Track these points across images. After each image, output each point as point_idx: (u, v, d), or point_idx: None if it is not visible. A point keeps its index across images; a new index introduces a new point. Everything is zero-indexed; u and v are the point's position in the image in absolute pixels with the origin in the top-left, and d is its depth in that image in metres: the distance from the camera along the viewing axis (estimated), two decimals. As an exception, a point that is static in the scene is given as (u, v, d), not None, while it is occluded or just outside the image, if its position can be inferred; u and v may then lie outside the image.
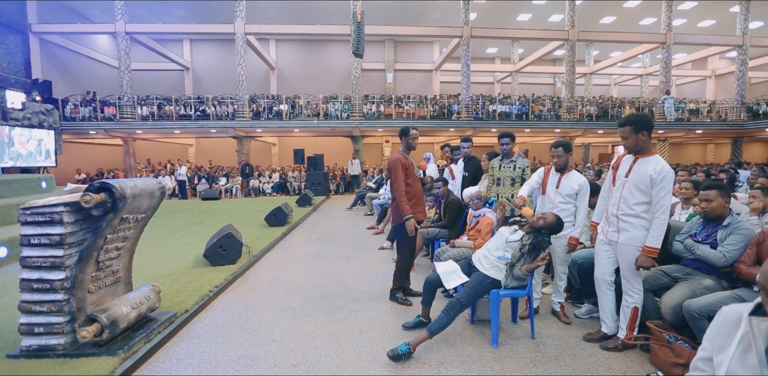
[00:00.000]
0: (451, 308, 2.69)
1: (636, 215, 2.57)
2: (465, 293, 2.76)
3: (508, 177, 4.02)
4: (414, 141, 3.63)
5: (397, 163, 3.47)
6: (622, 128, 2.58)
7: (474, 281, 2.81)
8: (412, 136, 3.61)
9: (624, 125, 2.57)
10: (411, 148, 3.64)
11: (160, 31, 16.62)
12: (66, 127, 14.62)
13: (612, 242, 2.70)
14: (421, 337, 2.66)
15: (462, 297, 2.74)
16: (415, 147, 3.63)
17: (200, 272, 4.34)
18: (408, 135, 3.61)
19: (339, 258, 5.39)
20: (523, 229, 2.92)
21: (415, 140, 3.63)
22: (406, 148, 3.64)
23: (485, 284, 2.79)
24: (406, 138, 3.62)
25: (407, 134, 3.61)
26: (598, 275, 2.82)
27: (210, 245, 4.61)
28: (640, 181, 2.54)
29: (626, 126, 2.56)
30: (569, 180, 3.15)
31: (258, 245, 5.71)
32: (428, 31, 17.40)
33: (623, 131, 2.58)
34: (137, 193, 2.61)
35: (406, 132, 3.62)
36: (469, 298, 2.74)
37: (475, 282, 2.80)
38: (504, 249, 2.84)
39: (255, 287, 4.15)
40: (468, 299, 2.74)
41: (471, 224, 3.93)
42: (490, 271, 2.81)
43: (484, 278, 2.81)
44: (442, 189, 4.81)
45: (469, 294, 2.75)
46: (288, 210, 7.61)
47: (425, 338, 2.65)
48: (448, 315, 2.67)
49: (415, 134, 3.63)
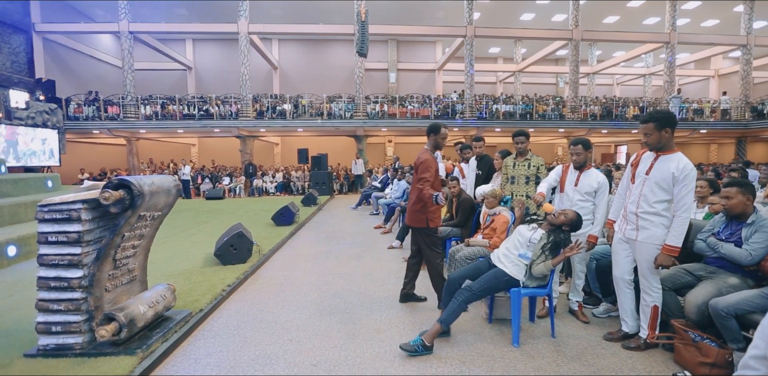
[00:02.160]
0: (460, 294, 2.70)
1: (656, 213, 2.54)
2: (479, 284, 2.74)
3: (522, 175, 3.99)
4: (444, 141, 3.43)
5: (430, 164, 3.25)
6: (645, 125, 2.55)
7: (491, 275, 2.78)
8: (442, 135, 3.37)
9: (647, 122, 2.54)
10: (439, 147, 3.45)
11: (163, 30, 16.61)
12: (69, 127, 14.60)
13: (630, 240, 2.67)
14: (433, 329, 2.66)
15: (475, 286, 2.72)
16: (443, 147, 3.49)
17: (211, 271, 4.31)
18: (438, 133, 3.35)
19: (349, 257, 5.35)
20: (542, 227, 2.89)
21: (444, 140, 3.43)
22: (434, 148, 3.44)
23: (501, 280, 2.76)
24: (435, 136, 3.37)
25: (438, 132, 3.35)
26: (617, 274, 2.79)
27: (221, 243, 4.58)
28: (661, 178, 2.51)
29: (649, 123, 2.52)
30: (588, 178, 3.12)
31: (267, 245, 5.68)
32: (431, 31, 17.37)
33: (646, 128, 2.55)
34: (155, 190, 2.58)
35: (437, 130, 3.35)
36: (482, 289, 2.72)
37: (492, 276, 2.77)
38: (527, 247, 2.81)
39: (267, 287, 4.12)
40: (481, 290, 2.72)
41: (486, 222, 3.90)
42: (511, 269, 2.78)
43: (503, 274, 2.78)
44: (456, 188, 4.77)
45: (483, 286, 2.73)
46: (295, 209, 7.58)
47: (438, 330, 2.65)
48: (457, 302, 2.67)
49: (446, 133, 3.41)
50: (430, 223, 3.35)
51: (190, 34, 20.94)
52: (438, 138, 3.41)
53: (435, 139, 3.42)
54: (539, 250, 2.75)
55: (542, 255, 2.75)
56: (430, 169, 3.26)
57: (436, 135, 3.41)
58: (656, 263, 2.52)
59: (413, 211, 3.42)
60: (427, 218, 3.35)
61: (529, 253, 2.79)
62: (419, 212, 3.38)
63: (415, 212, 3.41)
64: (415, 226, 3.42)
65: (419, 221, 3.38)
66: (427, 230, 3.37)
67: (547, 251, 2.75)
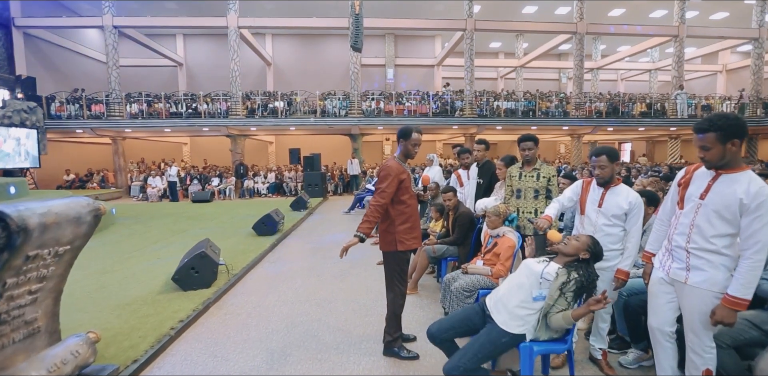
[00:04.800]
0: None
1: (716, 251, 1.91)
2: (468, 355, 2.08)
3: (530, 188, 3.37)
4: (415, 148, 2.84)
5: (390, 172, 2.71)
6: (703, 136, 1.88)
7: (483, 338, 2.14)
8: (413, 141, 2.80)
9: (706, 131, 1.87)
10: (409, 156, 2.86)
11: (149, 24, 15.92)
12: (50, 126, 13.96)
13: (677, 282, 2.05)
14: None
15: (463, 361, 2.06)
16: (414, 155, 2.88)
17: (167, 300, 3.69)
18: (408, 138, 2.79)
19: (332, 276, 4.74)
20: (556, 260, 2.25)
21: (416, 147, 2.84)
22: (404, 156, 2.86)
23: (499, 343, 2.11)
24: (405, 142, 2.81)
25: (408, 137, 2.79)
26: (655, 324, 2.15)
27: (180, 265, 3.96)
28: (723, 206, 1.87)
29: (710, 133, 1.85)
30: (616, 197, 2.48)
31: (242, 261, 5.06)
32: (430, 24, 16.68)
33: (705, 140, 1.88)
34: (52, 221, 1.95)
35: (407, 134, 2.79)
36: (474, 360, 2.07)
37: (486, 340, 2.12)
38: (539, 285, 2.16)
39: (230, 318, 3.50)
40: (473, 361, 2.07)
41: (487, 245, 3.28)
42: (511, 324, 2.13)
43: (500, 335, 2.11)
44: (453, 200, 4.14)
45: (474, 357, 2.07)
46: (278, 217, 6.96)
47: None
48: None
49: (418, 139, 2.82)
50: (398, 245, 2.76)
51: (179, 29, 20.19)
52: (408, 144, 2.82)
53: (405, 146, 2.83)
54: (557, 290, 2.11)
55: (561, 298, 2.10)
56: (388, 179, 2.69)
57: (407, 140, 2.81)
58: (713, 319, 1.89)
59: (380, 231, 2.86)
60: (396, 240, 2.75)
61: (544, 292, 2.14)
62: (386, 232, 2.81)
63: (382, 233, 2.84)
64: (383, 250, 2.84)
65: (387, 242, 2.80)
66: (395, 255, 2.79)
67: (569, 292, 2.10)
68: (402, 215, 2.81)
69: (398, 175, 2.75)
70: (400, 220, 2.80)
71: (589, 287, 2.11)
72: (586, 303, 2.04)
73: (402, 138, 2.84)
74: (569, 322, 2.05)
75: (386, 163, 2.84)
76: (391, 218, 2.81)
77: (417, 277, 4.08)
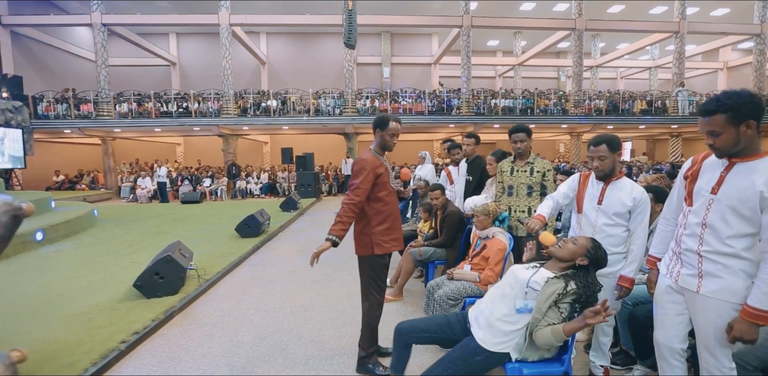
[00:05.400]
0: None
1: (733, 254, 1.58)
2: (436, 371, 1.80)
3: (523, 184, 3.05)
4: (393, 138, 2.52)
5: (364, 165, 2.41)
6: (710, 119, 1.55)
7: (457, 353, 1.83)
8: (390, 131, 2.49)
9: (713, 113, 1.53)
10: (387, 147, 2.54)
11: (138, 22, 15.60)
12: (37, 126, 13.66)
13: (687, 291, 1.72)
14: None
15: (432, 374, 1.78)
16: (392, 147, 2.56)
17: (126, 309, 3.37)
18: (385, 128, 2.48)
19: (313, 281, 4.42)
20: (548, 266, 1.92)
21: (394, 138, 2.52)
22: (380, 148, 2.55)
23: (473, 361, 1.79)
24: (381, 132, 2.49)
25: (384, 126, 2.48)
26: (662, 340, 1.83)
27: (143, 271, 3.64)
28: (739, 200, 1.54)
29: (718, 114, 1.52)
30: (618, 192, 2.16)
31: (218, 265, 4.74)
32: (426, 21, 16.37)
33: (713, 123, 1.55)
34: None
35: (383, 124, 2.48)
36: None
37: (458, 355, 1.82)
38: (524, 295, 1.84)
39: (193, 330, 3.18)
40: None
41: (475, 248, 2.96)
42: (490, 340, 1.81)
43: (475, 352, 1.80)
44: (440, 199, 3.83)
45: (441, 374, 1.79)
46: (263, 218, 6.65)
47: None
48: None
49: (395, 129, 2.51)
50: (375, 248, 2.45)
51: (171, 28, 19.91)
52: (385, 135, 2.50)
53: (382, 136, 2.51)
54: (546, 302, 1.76)
55: (553, 311, 1.77)
56: (363, 173, 2.39)
57: (383, 130, 2.50)
58: (731, 335, 1.57)
59: (355, 232, 2.54)
60: (372, 242, 2.44)
61: (530, 303, 1.82)
62: (361, 234, 2.50)
63: (357, 234, 2.53)
64: (358, 253, 2.52)
65: (362, 245, 2.49)
66: (371, 260, 2.47)
67: (564, 304, 1.77)
68: (379, 214, 2.49)
69: (374, 170, 2.44)
70: (377, 220, 2.49)
71: (588, 300, 1.78)
72: (581, 316, 1.70)
73: (378, 128, 2.52)
74: (559, 338, 1.72)
75: (360, 156, 2.53)
76: (367, 218, 2.50)
77: (402, 282, 3.77)
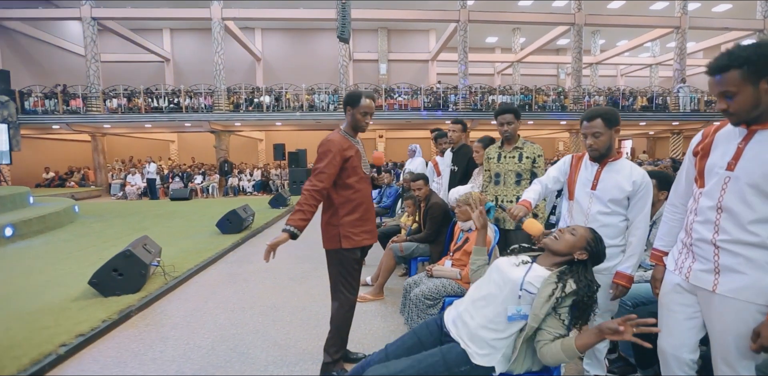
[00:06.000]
0: None
1: (758, 244, 1.29)
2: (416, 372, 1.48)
3: (511, 172, 2.77)
4: (365, 117, 2.21)
5: (329, 147, 2.11)
6: (723, 77, 1.26)
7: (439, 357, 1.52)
8: (362, 109, 2.18)
9: (726, 69, 1.25)
10: (359, 127, 2.24)
11: (128, 16, 15.29)
12: (24, 121, 13.37)
13: (701, 290, 1.43)
14: None
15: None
16: (365, 127, 2.26)
17: (77, 308, 3.08)
18: (357, 106, 2.17)
19: (290, 279, 4.14)
20: (541, 261, 1.63)
21: (366, 116, 2.22)
22: (352, 128, 2.25)
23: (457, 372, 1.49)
24: (353, 110, 2.20)
25: (355, 104, 2.18)
26: (668, 348, 1.54)
27: (101, 267, 3.35)
28: (763, 176, 1.26)
29: (732, 70, 1.24)
30: (615, 175, 1.86)
31: (191, 262, 4.46)
32: (423, 16, 16.08)
33: (726, 82, 1.26)
34: None
35: (355, 100, 2.18)
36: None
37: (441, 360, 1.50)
38: (517, 300, 1.50)
39: (150, 332, 2.89)
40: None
41: (457, 241, 2.67)
42: (474, 351, 1.51)
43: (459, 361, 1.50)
44: (423, 190, 3.55)
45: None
46: (246, 214, 6.36)
47: None
48: None
49: (368, 106, 2.18)
50: (343, 241, 2.16)
51: (163, 23, 19.59)
52: (357, 113, 2.19)
53: (353, 115, 2.21)
54: (543, 307, 1.44)
55: (553, 318, 1.45)
56: (327, 156, 2.10)
57: (354, 108, 2.19)
58: (757, 343, 1.29)
59: (322, 224, 2.25)
60: (340, 234, 2.16)
61: (525, 309, 1.49)
62: (328, 225, 2.21)
63: (324, 226, 2.24)
64: (325, 247, 2.24)
65: (329, 238, 2.21)
66: (338, 254, 2.19)
67: (562, 309, 1.45)
68: (348, 203, 2.20)
69: (342, 152, 2.13)
70: (345, 209, 2.20)
71: (587, 302, 1.48)
72: (596, 328, 1.35)
73: (349, 105, 2.22)
74: (572, 354, 1.38)
75: (327, 136, 2.21)
76: (334, 207, 2.21)
77: (383, 280, 3.48)
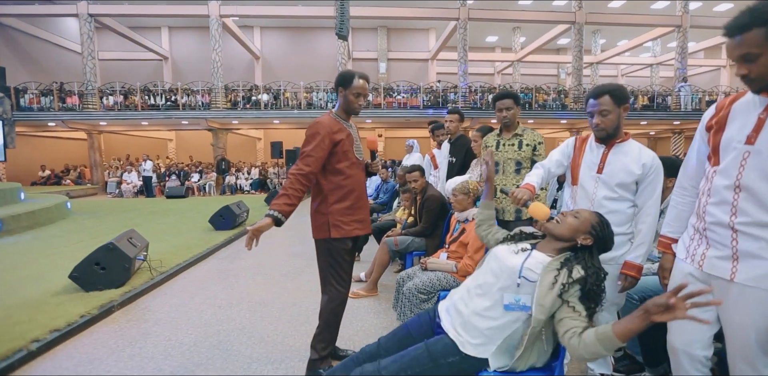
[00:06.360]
0: None
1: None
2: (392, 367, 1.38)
3: (510, 160, 2.63)
4: (358, 99, 2.07)
5: (318, 129, 1.97)
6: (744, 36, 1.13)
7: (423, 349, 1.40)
8: (354, 90, 2.03)
9: (747, 28, 1.12)
10: (351, 110, 2.10)
11: (125, 12, 15.17)
12: (19, 118, 13.24)
13: (717, 279, 1.30)
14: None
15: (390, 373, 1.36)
16: (358, 110, 2.11)
17: (56, 303, 2.95)
18: (349, 86, 2.03)
19: (283, 275, 4.00)
20: (541, 247, 1.50)
21: (360, 98, 2.07)
22: (344, 111, 2.11)
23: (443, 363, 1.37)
24: (345, 91, 2.06)
25: (348, 84, 2.04)
26: (679, 344, 1.41)
27: (82, 260, 3.21)
28: None
29: (754, 29, 1.10)
30: (624, 158, 1.73)
31: (181, 257, 4.33)
32: (422, 13, 15.96)
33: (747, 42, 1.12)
34: None
35: (347, 80, 2.04)
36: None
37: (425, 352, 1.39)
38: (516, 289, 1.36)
39: (131, 328, 2.76)
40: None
41: (453, 232, 2.54)
42: (466, 340, 1.38)
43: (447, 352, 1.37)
44: (420, 181, 3.42)
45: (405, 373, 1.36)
46: (240, 210, 6.23)
47: None
48: None
49: (361, 87, 2.04)
50: (332, 230, 2.02)
51: (162, 21, 19.44)
52: (349, 94, 2.04)
53: (345, 97, 2.06)
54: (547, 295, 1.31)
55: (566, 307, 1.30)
56: (315, 138, 1.96)
57: (347, 89, 2.04)
58: None
59: (311, 212, 2.13)
60: (329, 223, 2.02)
61: (524, 299, 1.35)
62: (317, 213, 2.08)
63: (313, 214, 2.11)
64: (314, 237, 2.11)
65: (318, 227, 2.07)
66: (327, 244, 2.05)
67: (572, 297, 1.31)
68: (338, 190, 2.05)
69: (331, 135, 1.99)
70: (335, 196, 2.05)
71: (595, 290, 1.33)
72: (639, 309, 1.12)
73: (341, 86, 2.07)
74: (611, 344, 1.15)
75: (317, 119, 2.06)
76: (323, 194, 2.07)
77: (377, 275, 3.35)
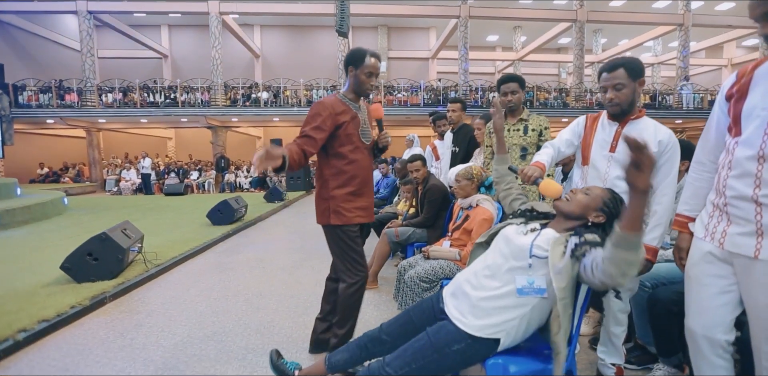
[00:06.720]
0: None
1: None
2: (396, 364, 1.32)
3: (515, 146, 2.55)
4: (370, 79, 1.90)
5: (319, 110, 1.84)
6: None
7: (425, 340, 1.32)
8: (366, 68, 1.87)
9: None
10: (362, 91, 1.94)
11: (125, 9, 15.11)
12: (18, 115, 13.16)
13: (739, 257, 1.22)
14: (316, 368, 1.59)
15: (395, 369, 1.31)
16: (370, 91, 1.96)
17: (46, 294, 2.86)
18: (360, 65, 1.87)
19: (280, 269, 3.91)
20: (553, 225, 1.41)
21: (372, 77, 1.90)
22: (353, 92, 1.95)
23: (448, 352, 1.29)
24: (356, 71, 1.90)
25: (359, 63, 1.87)
26: (698, 329, 1.33)
27: (74, 251, 3.13)
28: None
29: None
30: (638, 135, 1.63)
31: (177, 250, 4.24)
32: (423, 11, 15.89)
33: None
34: None
35: (359, 59, 1.88)
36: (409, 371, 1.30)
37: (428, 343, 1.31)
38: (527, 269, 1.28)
39: (124, 319, 2.67)
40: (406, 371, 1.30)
41: (456, 220, 2.45)
42: (473, 323, 1.30)
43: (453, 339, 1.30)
44: (421, 171, 3.33)
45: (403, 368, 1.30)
46: (238, 205, 6.14)
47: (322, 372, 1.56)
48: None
49: (373, 66, 1.88)
50: (332, 217, 1.93)
51: (161, 19, 19.38)
52: (360, 73, 1.89)
53: (356, 76, 1.91)
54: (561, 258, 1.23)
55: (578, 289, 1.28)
56: (316, 119, 1.83)
57: (358, 68, 1.89)
58: None
59: (315, 196, 2.04)
60: (330, 209, 1.92)
61: (538, 281, 1.27)
62: (319, 198, 1.99)
63: (316, 199, 2.02)
64: (318, 222, 2.02)
65: (320, 212, 1.99)
66: (332, 230, 1.96)
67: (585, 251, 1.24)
68: (340, 175, 1.93)
69: (334, 117, 1.85)
70: (336, 181, 1.94)
71: None
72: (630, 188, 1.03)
73: (351, 65, 1.91)
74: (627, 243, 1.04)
75: (320, 99, 1.94)
76: (324, 178, 1.97)
77: (377, 268, 3.26)
